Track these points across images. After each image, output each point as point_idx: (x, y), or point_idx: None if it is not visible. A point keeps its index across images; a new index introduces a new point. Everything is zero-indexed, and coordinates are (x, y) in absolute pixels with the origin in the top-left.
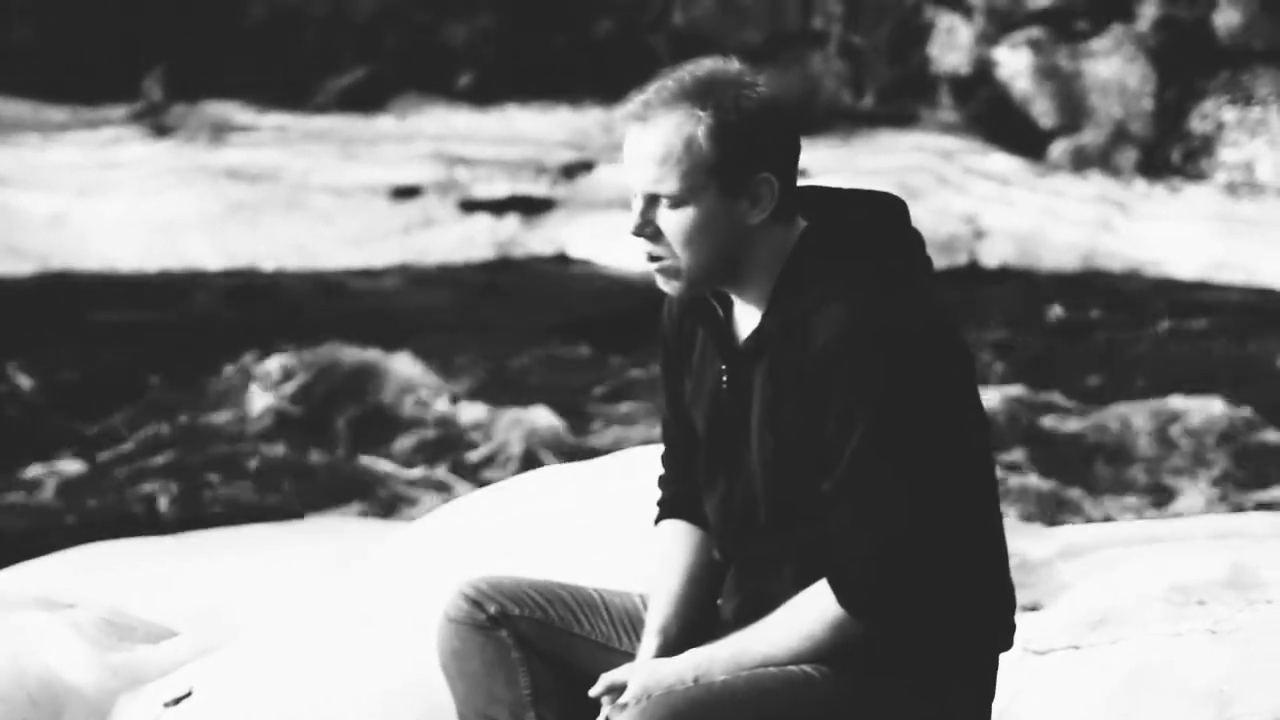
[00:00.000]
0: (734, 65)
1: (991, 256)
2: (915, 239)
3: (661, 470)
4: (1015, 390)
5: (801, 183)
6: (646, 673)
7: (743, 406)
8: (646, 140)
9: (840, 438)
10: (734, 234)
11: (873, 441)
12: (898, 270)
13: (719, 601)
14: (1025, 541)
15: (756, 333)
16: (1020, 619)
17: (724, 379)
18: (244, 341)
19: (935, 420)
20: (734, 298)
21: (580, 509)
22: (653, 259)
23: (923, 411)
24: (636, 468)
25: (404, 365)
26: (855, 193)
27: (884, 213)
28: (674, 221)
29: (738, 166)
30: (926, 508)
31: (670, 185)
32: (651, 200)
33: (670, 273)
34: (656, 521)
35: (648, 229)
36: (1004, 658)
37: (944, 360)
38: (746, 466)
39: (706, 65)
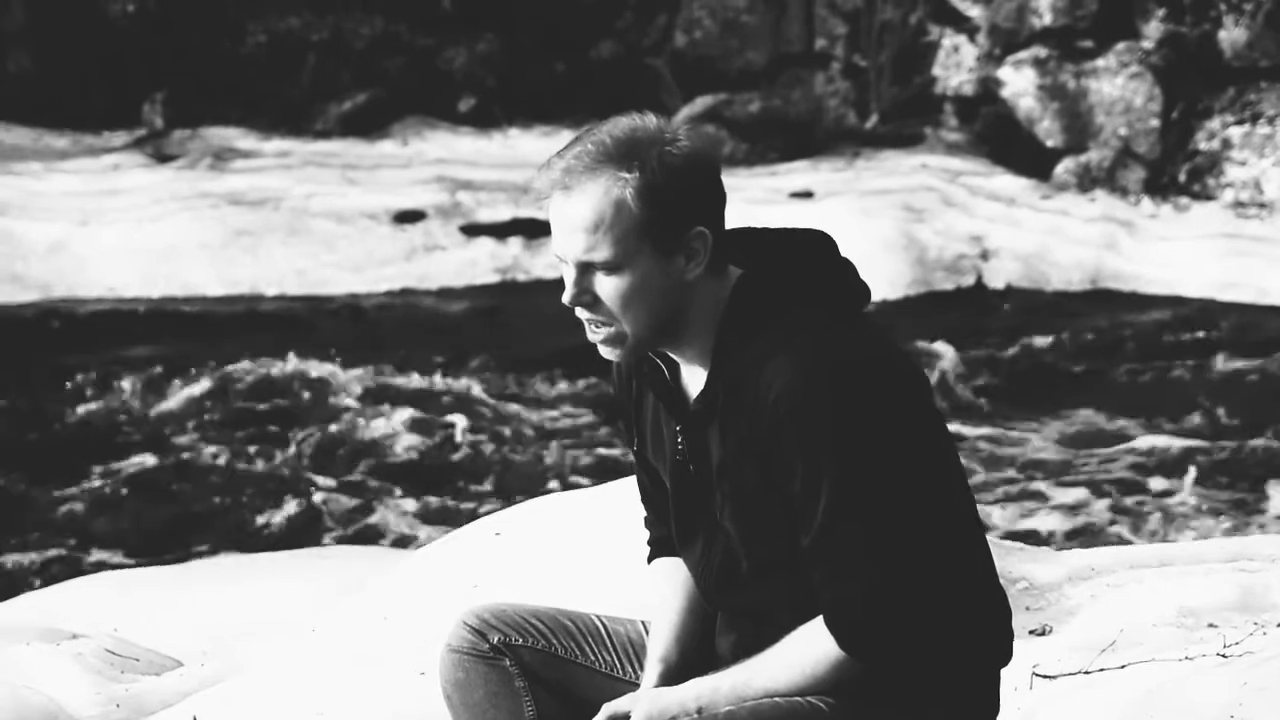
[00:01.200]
0: (651, 121)
1: (997, 277)
2: (847, 270)
3: (644, 513)
4: None
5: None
6: (649, 701)
7: (703, 467)
8: (574, 209)
9: (809, 491)
10: (672, 292)
11: (843, 491)
12: (835, 309)
13: (716, 638)
14: (1034, 565)
15: (704, 393)
16: (1029, 643)
17: (679, 443)
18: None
19: (899, 454)
20: (676, 358)
21: (582, 536)
22: (591, 328)
23: (885, 449)
24: (637, 495)
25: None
26: (781, 233)
27: (812, 250)
28: (611, 287)
29: (670, 224)
30: (908, 542)
31: (604, 252)
32: (585, 268)
33: (611, 340)
34: (649, 560)
35: (585, 297)
36: (1013, 682)
37: (896, 391)
38: (720, 523)
39: (623, 124)
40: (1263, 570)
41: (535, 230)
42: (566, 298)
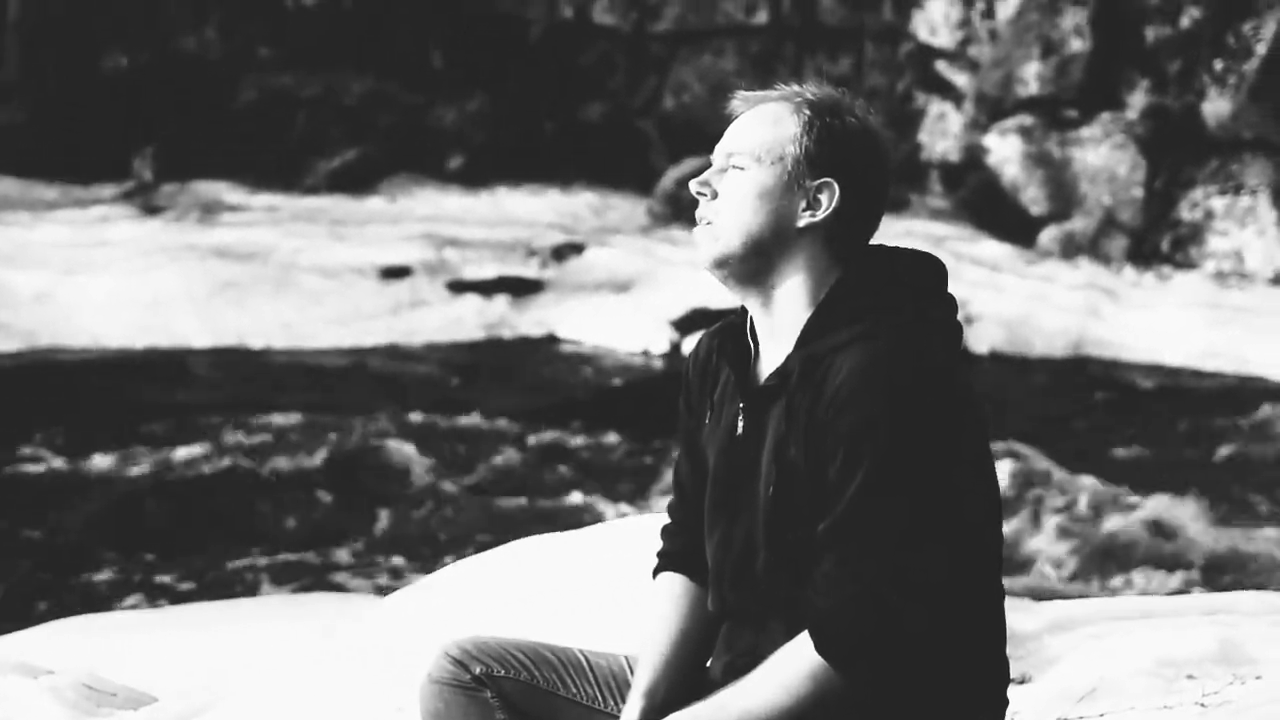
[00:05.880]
0: (849, 96)
1: (981, 342)
2: (949, 300)
3: (667, 520)
4: None
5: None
6: None
7: (755, 447)
8: (749, 115)
9: (841, 481)
10: (779, 222)
11: (871, 488)
12: (925, 325)
13: (708, 663)
14: (1014, 615)
15: (779, 371)
16: (1009, 692)
17: (740, 418)
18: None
19: (936, 478)
20: (762, 336)
21: (566, 578)
22: (700, 220)
23: (924, 467)
24: (622, 538)
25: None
26: (899, 249)
27: (924, 270)
28: (732, 183)
29: (812, 161)
30: (917, 563)
31: (747, 145)
32: (723, 169)
33: (706, 236)
34: (655, 573)
35: (707, 190)
36: None
37: (955, 419)
38: (751, 509)
39: (826, 88)
40: (1242, 624)
41: (522, 288)
42: (693, 183)
